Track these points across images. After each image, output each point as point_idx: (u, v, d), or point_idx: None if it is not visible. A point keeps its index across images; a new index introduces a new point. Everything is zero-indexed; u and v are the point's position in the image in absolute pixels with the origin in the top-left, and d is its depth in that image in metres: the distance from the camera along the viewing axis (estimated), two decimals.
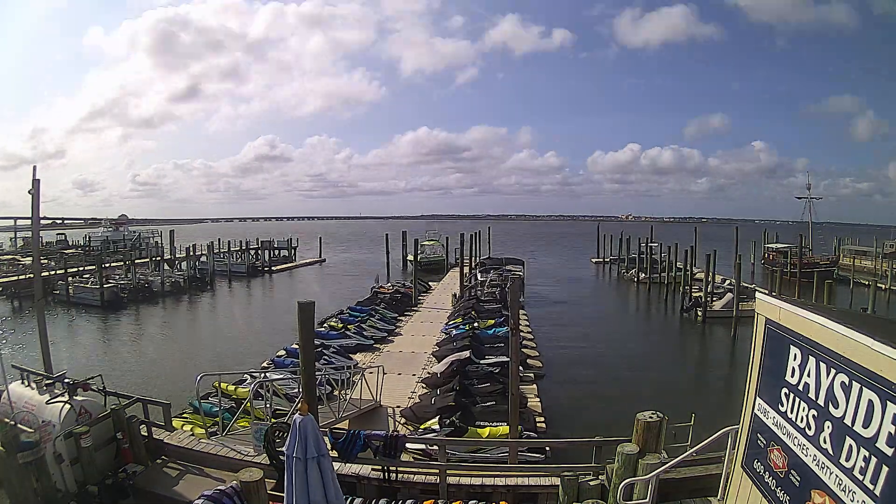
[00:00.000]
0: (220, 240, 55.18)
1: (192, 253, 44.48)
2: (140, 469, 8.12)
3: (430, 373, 16.07)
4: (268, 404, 10.23)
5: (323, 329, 21.03)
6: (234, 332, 26.43)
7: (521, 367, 14.94)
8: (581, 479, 7.19)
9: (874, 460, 3.63)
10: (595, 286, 46.50)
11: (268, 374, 13.32)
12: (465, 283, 31.92)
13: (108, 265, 37.22)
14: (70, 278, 34.68)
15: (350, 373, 13.12)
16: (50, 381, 8.42)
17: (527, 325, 23.68)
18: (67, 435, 7.51)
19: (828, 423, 4.16)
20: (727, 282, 31.59)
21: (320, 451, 4.87)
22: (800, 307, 4.82)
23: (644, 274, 40.65)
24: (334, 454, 7.80)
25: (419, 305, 28.74)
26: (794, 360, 4.69)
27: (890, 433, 3.52)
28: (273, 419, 8.99)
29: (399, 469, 8.22)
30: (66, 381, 8.34)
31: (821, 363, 4.31)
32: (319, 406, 9.26)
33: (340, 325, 21.93)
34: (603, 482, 7.21)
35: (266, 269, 52.05)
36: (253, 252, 57.52)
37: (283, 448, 5.61)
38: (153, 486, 7.84)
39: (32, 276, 17.48)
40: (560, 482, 7.09)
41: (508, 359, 11.03)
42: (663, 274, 38.69)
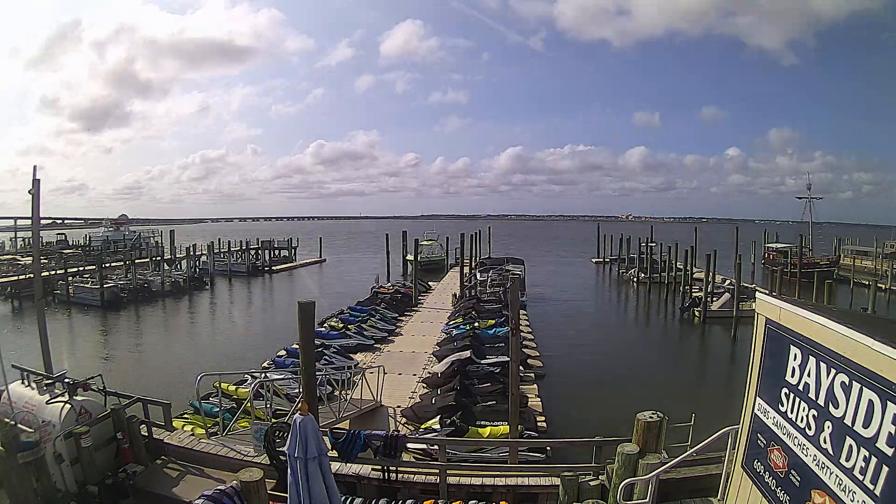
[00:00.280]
0: (219, 240, 55.21)
1: (192, 253, 44.53)
2: (140, 469, 8.12)
3: (430, 373, 16.08)
4: (268, 404, 10.24)
5: (323, 329, 21.03)
6: (234, 332, 26.47)
7: (521, 367, 14.97)
8: (581, 479, 7.20)
9: (874, 460, 3.63)
10: (595, 286, 46.54)
11: (268, 374, 13.34)
12: (466, 283, 31.93)
13: (108, 265, 37.23)
14: (70, 278, 34.65)
15: (350, 373, 13.13)
16: (50, 381, 8.42)
17: (527, 325, 23.69)
18: (67, 435, 7.51)
19: (828, 423, 4.16)
20: (727, 282, 31.60)
21: (320, 451, 4.88)
22: (800, 307, 4.82)
23: (644, 274, 40.62)
24: (334, 454, 7.82)
25: (419, 305, 28.75)
26: (795, 360, 4.69)
27: (890, 433, 3.52)
28: (273, 419, 8.99)
29: (399, 469, 8.23)
30: (66, 381, 8.34)
31: (821, 363, 4.31)
32: (320, 406, 9.27)
33: (341, 325, 21.94)
34: (603, 482, 7.22)
35: (266, 269, 52.04)
36: (253, 252, 57.62)
37: (283, 448, 5.63)
38: (153, 486, 7.84)
39: (32, 276, 17.48)
40: (560, 482, 7.09)
41: (509, 359, 11.03)
42: (663, 274, 38.74)
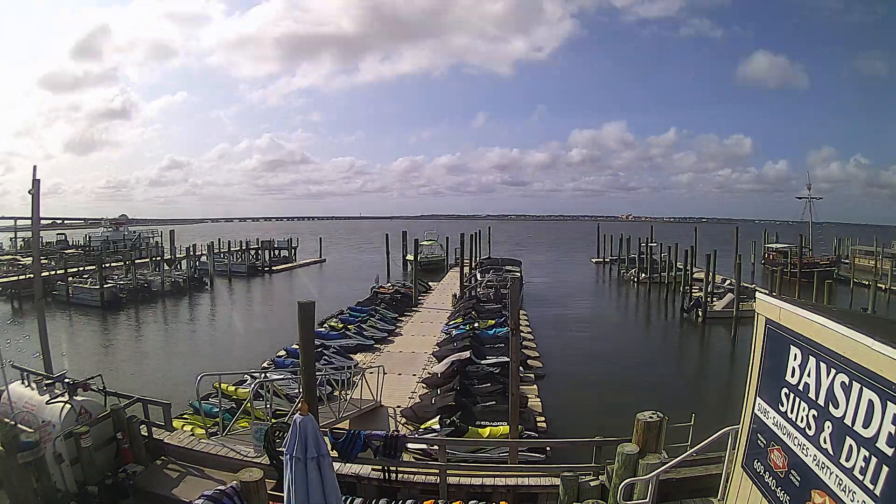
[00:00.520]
0: (219, 240, 55.17)
1: (192, 253, 44.51)
2: (140, 469, 8.12)
3: (430, 373, 16.08)
4: (268, 404, 10.24)
5: (323, 329, 21.03)
6: (234, 332, 26.45)
7: (521, 368, 14.97)
8: (581, 479, 7.20)
9: (874, 460, 3.63)
10: (595, 286, 46.51)
11: (268, 375, 13.35)
12: (465, 284, 31.92)
13: (107, 265, 37.21)
14: (70, 278, 34.63)
15: (350, 373, 13.13)
16: (50, 381, 8.41)
17: (527, 325, 23.70)
18: (67, 435, 7.51)
19: (828, 423, 4.16)
20: (727, 282, 31.59)
21: (320, 451, 4.87)
22: (800, 307, 4.82)
23: (644, 274, 40.59)
24: (334, 454, 7.81)
25: (419, 305, 28.74)
26: (795, 360, 4.69)
27: (890, 433, 3.52)
28: (273, 419, 9.00)
29: (399, 469, 8.23)
30: (66, 381, 8.33)
31: (821, 363, 4.31)
32: (320, 406, 9.26)
33: (340, 325, 21.94)
34: (603, 482, 7.21)
35: (266, 269, 52.06)
36: (253, 252, 57.61)
37: (283, 448, 5.62)
38: (153, 486, 7.84)
39: (32, 276, 17.47)
40: (560, 482, 7.09)
41: (509, 359, 11.03)
42: (663, 274, 38.68)
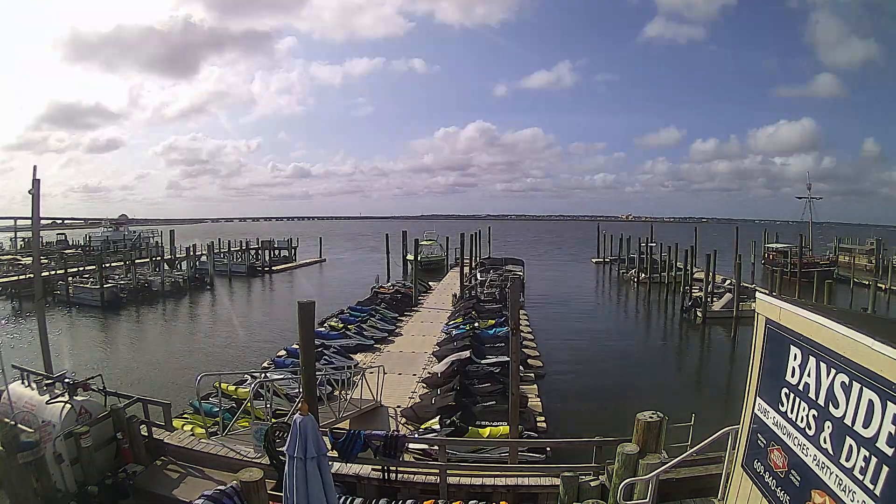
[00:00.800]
0: (219, 240, 55.17)
1: (192, 253, 44.50)
2: (140, 469, 8.12)
3: (430, 373, 16.08)
4: (268, 404, 10.23)
5: (323, 329, 21.03)
6: (234, 332, 26.41)
7: (521, 367, 14.97)
8: (581, 479, 7.20)
9: (874, 460, 3.63)
10: (595, 286, 46.51)
11: (268, 375, 13.34)
12: (466, 284, 31.92)
13: (108, 265, 37.20)
14: (70, 278, 34.66)
15: (350, 373, 13.12)
16: (50, 381, 8.41)
17: (527, 325, 23.69)
18: (67, 435, 7.51)
19: (828, 423, 4.16)
20: (727, 282, 31.59)
21: (320, 451, 4.88)
22: (800, 307, 4.82)
23: (644, 274, 40.61)
24: (334, 454, 7.81)
25: (419, 305, 28.74)
26: (795, 360, 4.69)
27: (890, 433, 3.52)
28: (273, 419, 8.99)
29: (399, 469, 8.22)
30: (66, 381, 8.33)
31: (821, 363, 4.31)
32: (320, 406, 9.27)
33: (341, 325, 21.94)
34: (603, 482, 7.21)
35: (266, 269, 52.02)
36: (253, 252, 57.59)
37: (283, 448, 5.62)
38: (153, 486, 7.84)
39: (32, 276, 17.48)
40: (560, 482, 7.08)
41: (509, 359, 11.03)
42: (663, 274, 38.70)
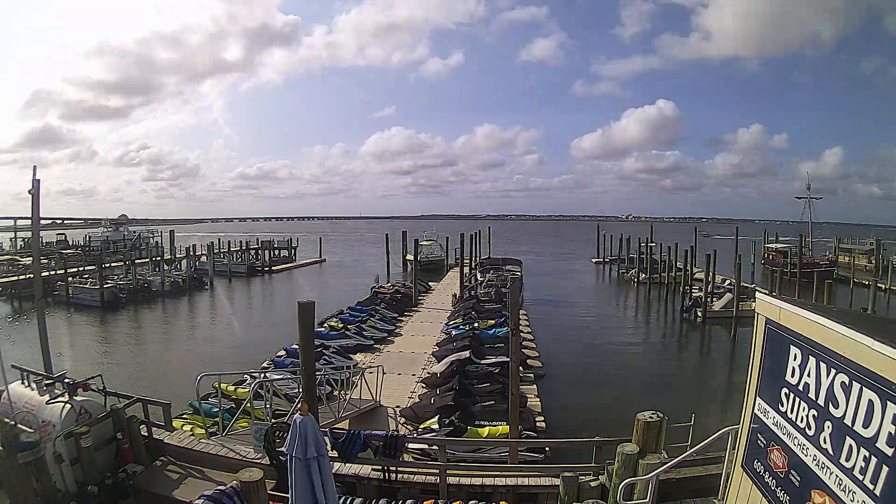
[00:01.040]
0: (219, 240, 55.20)
1: (191, 253, 44.49)
2: (140, 469, 8.12)
3: (429, 373, 16.07)
4: (268, 404, 10.23)
5: (323, 329, 21.03)
6: (233, 333, 26.43)
7: (521, 367, 14.96)
8: (581, 479, 7.19)
9: (874, 460, 3.63)
10: (595, 286, 46.50)
11: (268, 375, 13.33)
12: (465, 284, 31.91)
13: (107, 265, 37.19)
14: (70, 279, 34.66)
15: (350, 373, 13.12)
16: (50, 381, 8.40)
17: (527, 325, 23.68)
18: (67, 435, 7.50)
19: (828, 423, 4.15)
20: (727, 282, 31.59)
21: (320, 451, 4.88)
22: (800, 307, 4.81)
23: (644, 274, 40.62)
24: (334, 454, 7.81)
25: (419, 305, 28.73)
26: (794, 360, 4.68)
27: (890, 433, 3.52)
28: (273, 419, 9.00)
29: (399, 469, 8.22)
30: (66, 381, 8.33)
31: (821, 363, 4.31)
32: (319, 406, 9.26)
33: (340, 325, 21.94)
34: (603, 482, 7.21)
35: (266, 269, 52.02)
36: (253, 252, 57.59)
37: (283, 448, 5.62)
38: (153, 486, 7.83)
39: (32, 276, 17.47)
40: (560, 482, 7.08)
41: (508, 359, 11.03)
42: (663, 274, 38.70)
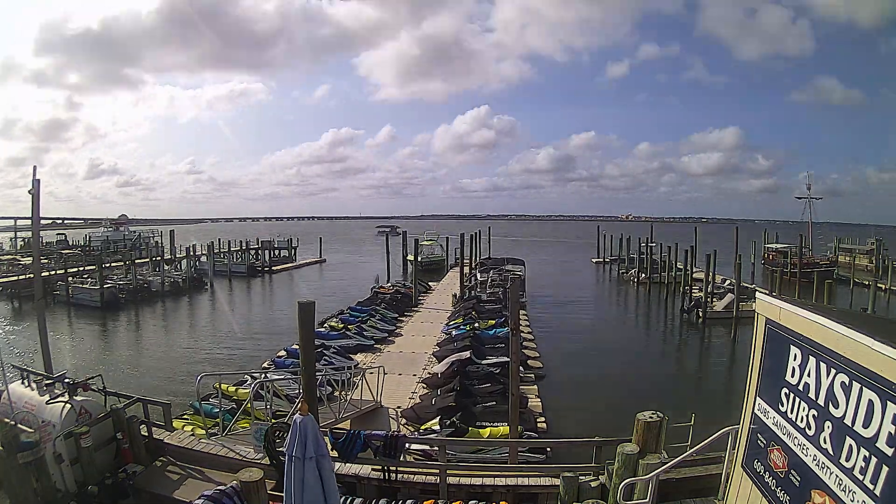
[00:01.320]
0: (219, 240, 55.17)
1: (192, 253, 44.48)
2: (140, 469, 8.11)
3: (430, 373, 16.08)
4: (268, 405, 10.23)
5: (323, 329, 21.04)
6: (234, 333, 26.42)
7: (521, 368, 14.98)
8: (581, 479, 7.19)
9: (874, 460, 3.63)
10: (595, 286, 46.51)
11: (268, 375, 13.35)
12: (466, 284, 31.91)
13: (107, 265, 37.18)
14: (70, 278, 34.64)
15: (350, 373, 13.12)
16: (50, 381, 8.40)
17: (527, 325, 23.69)
18: (67, 435, 7.50)
19: (828, 423, 4.16)
20: (727, 282, 31.59)
21: (320, 451, 4.87)
22: (800, 307, 4.82)
23: (644, 274, 40.60)
24: (334, 454, 7.81)
25: (419, 306, 28.75)
26: (795, 360, 4.69)
27: (890, 433, 3.52)
28: (273, 419, 8.99)
29: (399, 469, 8.22)
30: (66, 381, 8.33)
31: (821, 363, 4.31)
32: (320, 406, 9.25)
33: (341, 326, 21.95)
34: (603, 482, 7.21)
35: (266, 269, 51.98)
36: (253, 252, 57.57)
37: (283, 448, 5.62)
38: (153, 487, 7.83)
39: (32, 276, 17.48)
40: (560, 482, 7.08)
41: (509, 359, 11.03)
42: (663, 274, 38.67)
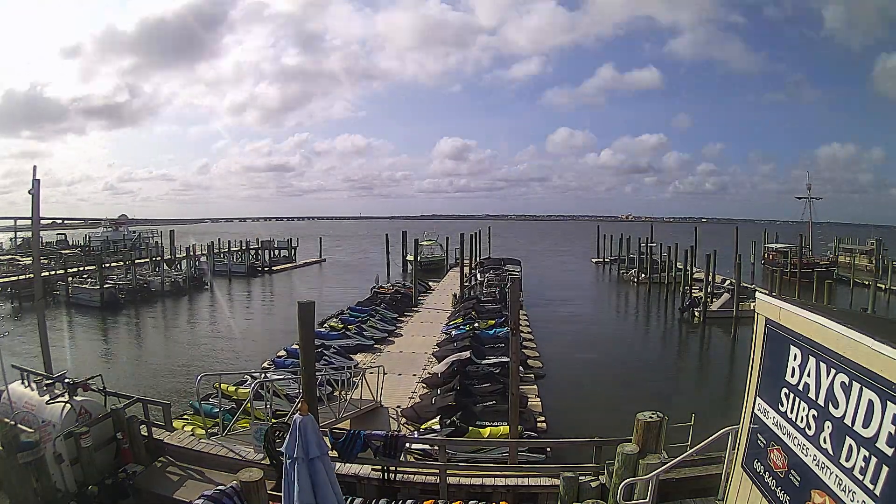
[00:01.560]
0: (219, 240, 55.18)
1: (191, 253, 44.47)
2: (140, 469, 8.12)
3: (430, 373, 16.08)
4: (268, 405, 10.24)
5: (323, 329, 21.04)
6: (233, 333, 26.42)
7: (521, 368, 14.97)
8: (581, 479, 7.19)
9: (874, 460, 3.63)
10: (595, 286, 46.50)
11: (268, 375, 13.34)
12: (465, 284, 31.91)
13: (107, 265, 37.17)
14: (70, 278, 34.64)
15: (350, 373, 13.13)
16: (50, 381, 8.40)
17: (527, 325, 23.69)
18: (67, 435, 7.50)
19: (828, 423, 4.15)
20: (727, 282, 31.59)
21: (320, 451, 4.87)
22: (800, 307, 4.81)
23: (644, 274, 40.61)
24: (334, 454, 7.81)
25: (419, 306, 28.74)
26: (794, 360, 4.68)
27: (890, 433, 3.52)
28: (273, 419, 9.00)
29: (399, 469, 8.22)
30: (66, 381, 8.33)
31: (821, 363, 4.31)
32: (320, 406, 9.27)
33: (341, 326, 21.95)
34: (603, 482, 7.21)
35: (266, 269, 51.99)
36: (253, 252, 57.57)
37: (283, 448, 5.62)
38: (153, 486, 7.84)
39: (32, 276, 17.48)
40: (560, 482, 7.08)
41: (509, 359, 11.03)
42: (663, 274, 38.69)
